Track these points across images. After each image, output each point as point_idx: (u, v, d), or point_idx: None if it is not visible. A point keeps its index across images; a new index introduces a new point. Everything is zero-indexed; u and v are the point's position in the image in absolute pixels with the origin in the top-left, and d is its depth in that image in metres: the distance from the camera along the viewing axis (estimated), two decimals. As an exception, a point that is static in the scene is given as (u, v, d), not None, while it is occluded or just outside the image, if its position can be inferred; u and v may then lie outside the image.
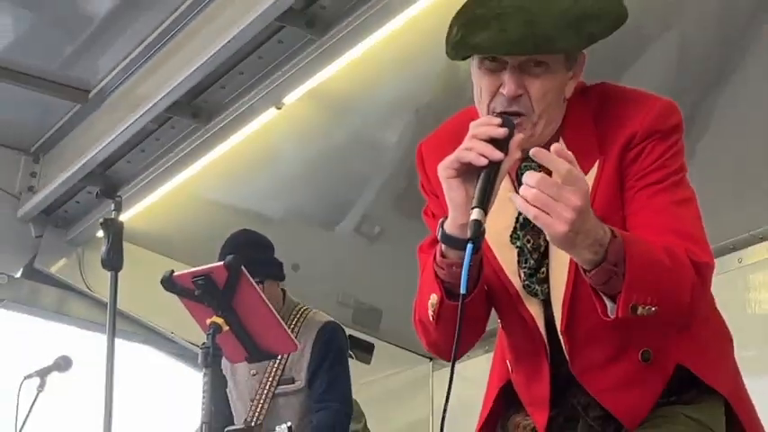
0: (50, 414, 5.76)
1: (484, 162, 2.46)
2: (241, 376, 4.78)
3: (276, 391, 4.70)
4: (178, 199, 7.58)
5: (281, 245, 7.88)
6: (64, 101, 7.36)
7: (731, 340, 2.91)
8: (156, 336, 8.31)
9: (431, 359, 7.98)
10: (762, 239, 6.27)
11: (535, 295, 2.70)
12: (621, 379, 2.65)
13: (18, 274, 8.11)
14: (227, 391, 4.85)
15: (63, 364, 5.60)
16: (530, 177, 2.35)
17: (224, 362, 4.70)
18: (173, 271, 3.63)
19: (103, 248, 3.75)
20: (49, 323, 8.38)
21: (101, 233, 3.95)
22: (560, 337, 2.67)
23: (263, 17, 5.69)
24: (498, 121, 2.53)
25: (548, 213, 2.33)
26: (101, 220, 3.77)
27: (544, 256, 2.68)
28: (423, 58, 6.09)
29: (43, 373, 5.54)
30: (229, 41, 5.91)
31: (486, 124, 2.52)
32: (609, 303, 2.49)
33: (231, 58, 6.14)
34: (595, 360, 2.67)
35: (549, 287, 2.68)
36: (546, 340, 2.71)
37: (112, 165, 7.35)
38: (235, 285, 3.55)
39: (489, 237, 2.60)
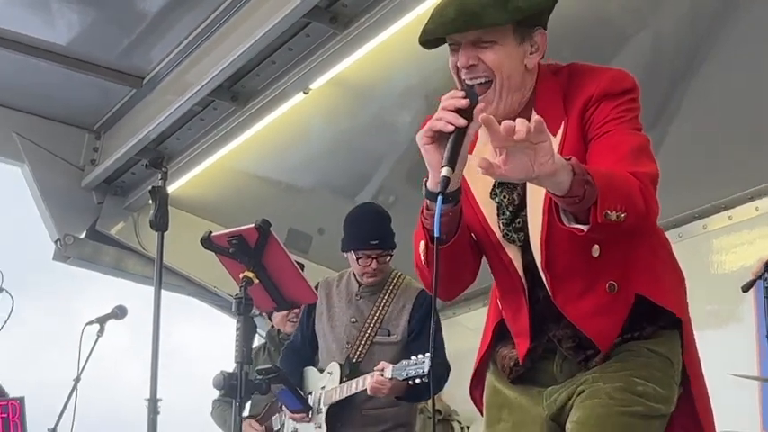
0: (108, 355, 5.76)
1: (450, 128, 2.48)
2: (339, 322, 4.76)
3: (374, 340, 4.67)
4: (219, 171, 7.56)
5: (309, 211, 7.92)
6: (122, 86, 7.35)
7: (683, 280, 2.90)
8: (201, 289, 8.33)
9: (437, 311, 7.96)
10: (723, 209, 6.25)
11: (513, 242, 2.72)
12: (593, 308, 2.65)
13: (82, 236, 8.12)
14: (318, 332, 4.81)
15: (119, 312, 5.60)
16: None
17: (320, 308, 4.71)
18: (211, 232, 3.62)
19: (152, 212, 3.73)
20: (108, 277, 8.42)
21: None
22: (542, 274, 2.68)
23: (292, 14, 5.69)
24: (462, 93, 2.54)
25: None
26: (149, 188, 3.72)
27: (519, 208, 2.70)
28: (431, 52, 6.05)
29: (102, 320, 5.54)
30: (263, 35, 5.91)
31: (451, 97, 2.53)
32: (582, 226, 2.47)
33: (265, 49, 6.14)
34: (572, 293, 2.68)
35: (525, 235, 2.69)
36: (524, 280, 2.73)
37: (163, 141, 7.35)
38: (264, 244, 3.55)
39: (477, 194, 2.72)
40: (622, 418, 2.66)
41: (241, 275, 3.54)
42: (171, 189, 7.54)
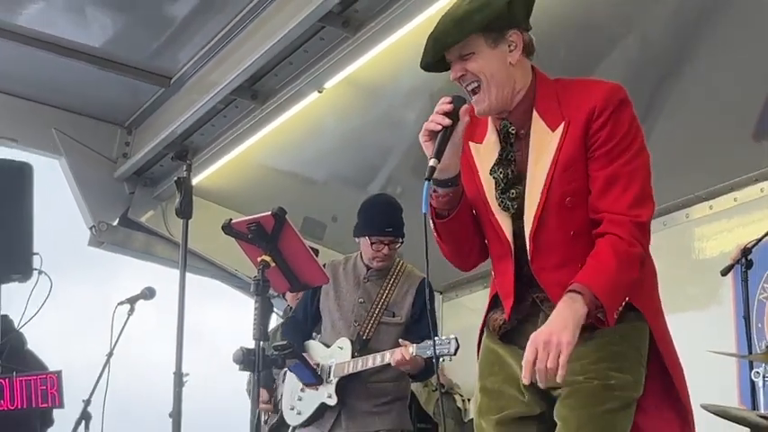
0: (138, 333, 5.78)
1: (438, 128, 2.78)
2: (347, 302, 4.80)
3: (381, 320, 4.73)
4: (240, 164, 7.58)
5: (323, 201, 7.93)
6: (151, 85, 7.37)
7: (655, 274, 3.02)
8: (223, 272, 8.36)
9: (441, 293, 8.00)
10: (704, 199, 6.27)
11: (507, 210, 2.88)
12: (564, 280, 2.74)
13: (115, 223, 8.15)
14: (323, 310, 4.86)
15: (148, 293, 5.60)
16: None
17: (326, 287, 4.77)
18: (231, 219, 3.65)
19: (177, 201, 3.76)
20: (139, 261, 8.46)
21: (179, 189, 3.97)
22: (527, 242, 2.84)
23: (307, 19, 5.73)
24: (449, 99, 2.81)
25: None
26: (175, 178, 3.75)
27: (513, 182, 2.88)
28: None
29: (132, 301, 5.54)
30: (281, 38, 5.95)
31: (441, 103, 2.82)
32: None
33: (282, 51, 6.16)
34: (548, 263, 2.83)
35: (517, 205, 2.86)
36: (512, 245, 2.88)
37: (189, 137, 7.36)
38: (279, 230, 3.57)
39: (482, 172, 2.92)
40: (604, 417, 2.78)
41: (259, 259, 3.57)
42: (196, 180, 7.58)
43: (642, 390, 2.85)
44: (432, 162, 2.74)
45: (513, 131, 2.88)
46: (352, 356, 4.63)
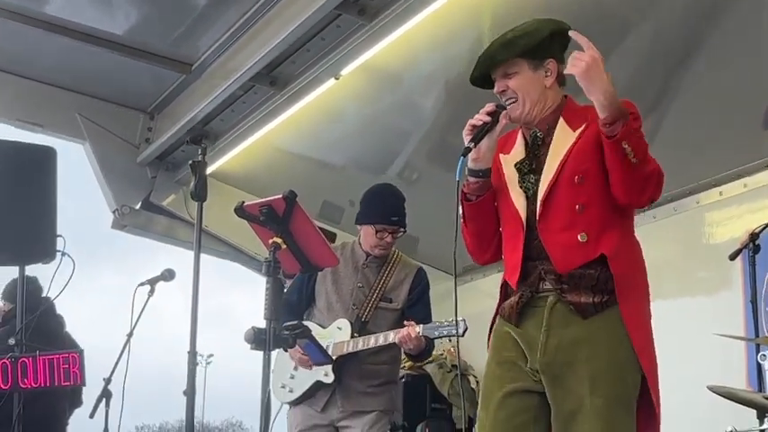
0: (156, 308, 5.77)
1: (480, 123, 3.26)
2: (346, 287, 4.82)
3: (378, 305, 4.75)
4: (259, 149, 7.58)
5: (340, 186, 7.93)
6: (173, 72, 7.38)
7: (645, 272, 3.34)
8: (243, 255, 8.38)
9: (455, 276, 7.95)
10: (714, 185, 6.23)
11: (526, 191, 3.28)
12: (564, 243, 3.19)
13: (137, 206, 8.19)
14: (318, 293, 4.87)
15: (168, 275, 5.57)
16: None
17: (324, 272, 4.79)
18: (244, 202, 3.65)
19: (192, 184, 3.75)
20: (160, 244, 8.51)
21: (201, 174, 3.96)
22: (537, 206, 3.21)
23: (324, 7, 5.72)
24: (493, 105, 3.28)
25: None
26: (189, 161, 3.75)
27: (535, 171, 3.28)
28: (451, 41, 6.09)
29: (153, 282, 5.51)
30: (298, 26, 5.94)
31: (486, 107, 3.28)
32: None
33: (300, 39, 6.16)
34: (553, 227, 3.21)
35: (534, 189, 3.24)
36: (524, 223, 3.25)
37: (209, 122, 7.37)
38: (290, 213, 3.56)
39: (506, 168, 3.35)
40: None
41: (270, 241, 3.57)
42: (216, 165, 7.63)
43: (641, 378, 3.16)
44: (469, 144, 3.23)
45: (541, 136, 3.31)
46: (351, 337, 4.64)
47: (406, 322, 4.52)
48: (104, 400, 5.25)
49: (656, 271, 6.48)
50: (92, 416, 5.25)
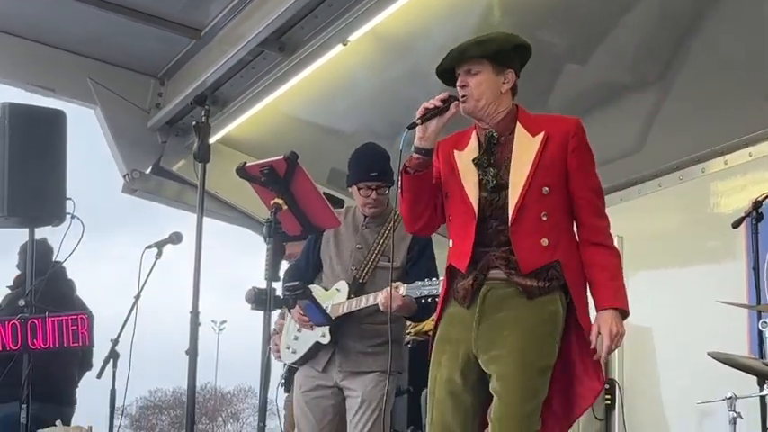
0: (164, 276, 5.76)
1: (432, 106, 3.55)
2: (345, 248, 4.74)
3: (377, 265, 4.69)
4: (268, 115, 7.52)
5: (349, 153, 7.84)
6: (183, 37, 7.34)
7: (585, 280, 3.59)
8: (251, 220, 8.33)
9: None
10: (721, 154, 6.18)
11: (486, 184, 3.52)
12: (529, 245, 3.47)
13: (148, 171, 8.17)
14: (323, 257, 4.83)
15: (176, 238, 5.54)
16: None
17: (327, 235, 4.74)
18: (245, 162, 3.63)
19: (195, 145, 3.72)
20: (170, 208, 8.52)
21: (212, 140, 3.90)
22: (510, 211, 3.46)
23: (332, -28, 5.68)
24: (446, 94, 3.55)
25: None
26: (193, 123, 3.71)
27: (491, 165, 3.53)
28: (461, 11, 6.07)
29: (160, 245, 5.48)
30: (307, -9, 5.89)
31: (440, 95, 3.57)
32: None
33: (308, 4, 6.12)
34: (522, 230, 3.47)
35: (495, 182, 3.50)
36: (476, 213, 3.50)
37: (219, 87, 7.31)
38: (292, 174, 3.54)
39: (460, 163, 3.58)
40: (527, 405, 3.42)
41: (271, 202, 3.54)
42: (225, 131, 7.60)
43: (556, 355, 3.50)
44: (416, 120, 3.52)
45: (497, 136, 3.55)
46: (348, 298, 4.60)
47: (392, 283, 4.44)
48: (112, 360, 5.25)
49: (661, 238, 6.55)
50: (99, 376, 5.26)
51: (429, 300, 4.25)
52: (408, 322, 5.15)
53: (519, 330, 3.45)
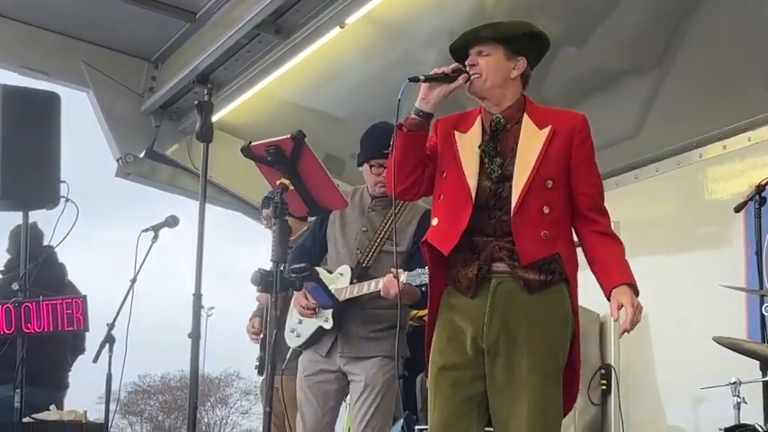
0: (160, 259, 5.68)
1: (441, 72, 3.41)
2: (350, 230, 4.63)
3: (383, 248, 4.60)
4: (263, 99, 7.46)
5: (344, 138, 7.79)
6: (177, 20, 7.26)
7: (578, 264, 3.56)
8: (246, 205, 8.29)
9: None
10: (719, 139, 6.13)
11: (491, 173, 3.46)
12: (530, 236, 3.41)
13: (141, 155, 8.12)
14: (329, 238, 4.74)
15: (172, 221, 5.46)
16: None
17: (333, 216, 4.64)
18: (251, 142, 3.55)
19: (198, 124, 3.63)
20: (164, 192, 8.45)
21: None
22: (513, 202, 3.40)
23: (329, -47, 5.61)
24: (458, 65, 3.44)
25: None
26: (196, 102, 3.63)
27: (498, 155, 3.47)
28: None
29: (156, 228, 5.41)
30: (304, -26, 5.83)
31: (452, 65, 3.45)
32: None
33: (305, -14, 6.06)
34: (524, 221, 3.41)
35: (500, 172, 3.44)
36: (473, 199, 3.43)
37: (213, 71, 7.23)
38: (299, 154, 3.47)
39: (461, 148, 3.50)
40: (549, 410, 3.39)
41: (278, 182, 3.46)
42: (219, 115, 7.50)
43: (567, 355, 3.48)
44: (421, 77, 3.39)
45: (503, 123, 3.49)
46: (351, 283, 4.52)
47: (392, 270, 4.34)
48: (107, 345, 5.17)
49: (658, 224, 6.50)
50: (95, 360, 5.18)
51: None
52: None
53: (538, 350, 3.40)
